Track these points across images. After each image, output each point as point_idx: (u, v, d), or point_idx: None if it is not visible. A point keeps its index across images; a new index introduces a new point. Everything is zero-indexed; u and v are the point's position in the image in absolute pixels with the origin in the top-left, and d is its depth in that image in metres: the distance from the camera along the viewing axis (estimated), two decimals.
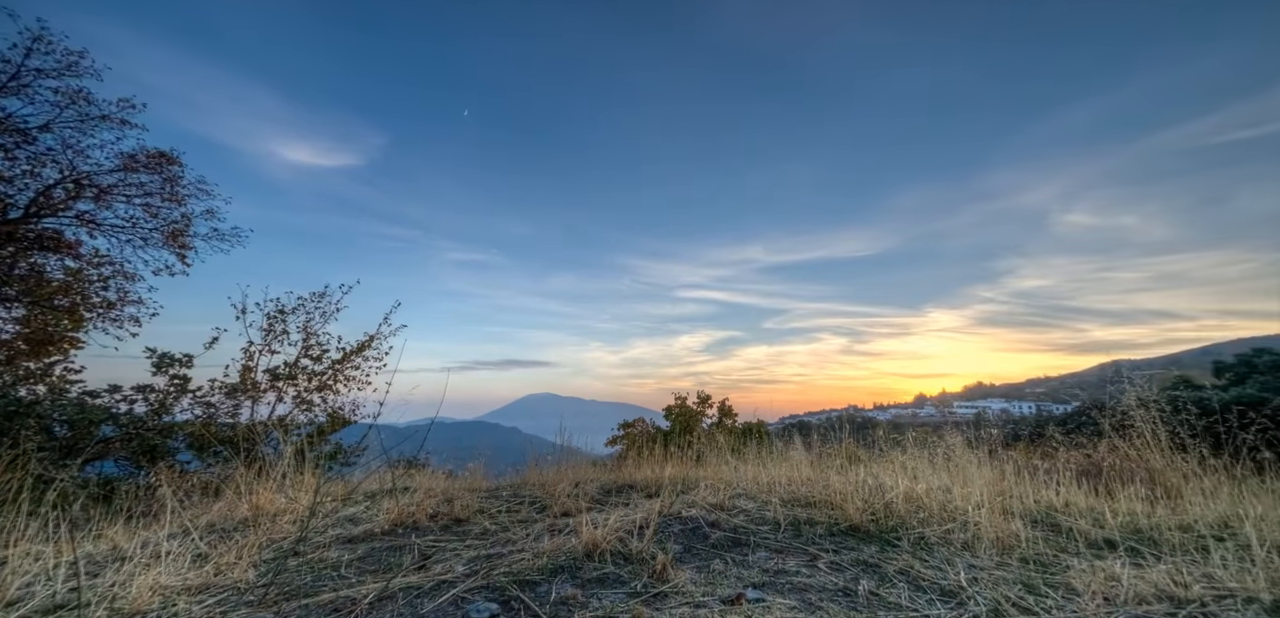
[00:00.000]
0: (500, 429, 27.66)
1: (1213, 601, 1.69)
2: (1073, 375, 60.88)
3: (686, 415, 14.19)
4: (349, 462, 6.33)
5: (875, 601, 1.85)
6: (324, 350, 6.81)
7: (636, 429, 13.40)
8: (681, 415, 14.19)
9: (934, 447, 5.15)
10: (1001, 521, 2.88)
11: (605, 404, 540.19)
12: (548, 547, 2.22)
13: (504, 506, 3.63)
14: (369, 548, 2.40)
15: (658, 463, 6.10)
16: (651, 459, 6.40)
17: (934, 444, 5.21)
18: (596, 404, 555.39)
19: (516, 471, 5.70)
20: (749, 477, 4.19)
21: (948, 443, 5.16)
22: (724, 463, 5.28)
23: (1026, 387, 52.59)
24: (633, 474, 5.13)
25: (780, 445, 6.75)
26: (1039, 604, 1.80)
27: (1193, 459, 4.37)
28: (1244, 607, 1.64)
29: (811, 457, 5.19)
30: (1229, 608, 1.64)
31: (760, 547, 2.50)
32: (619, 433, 13.44)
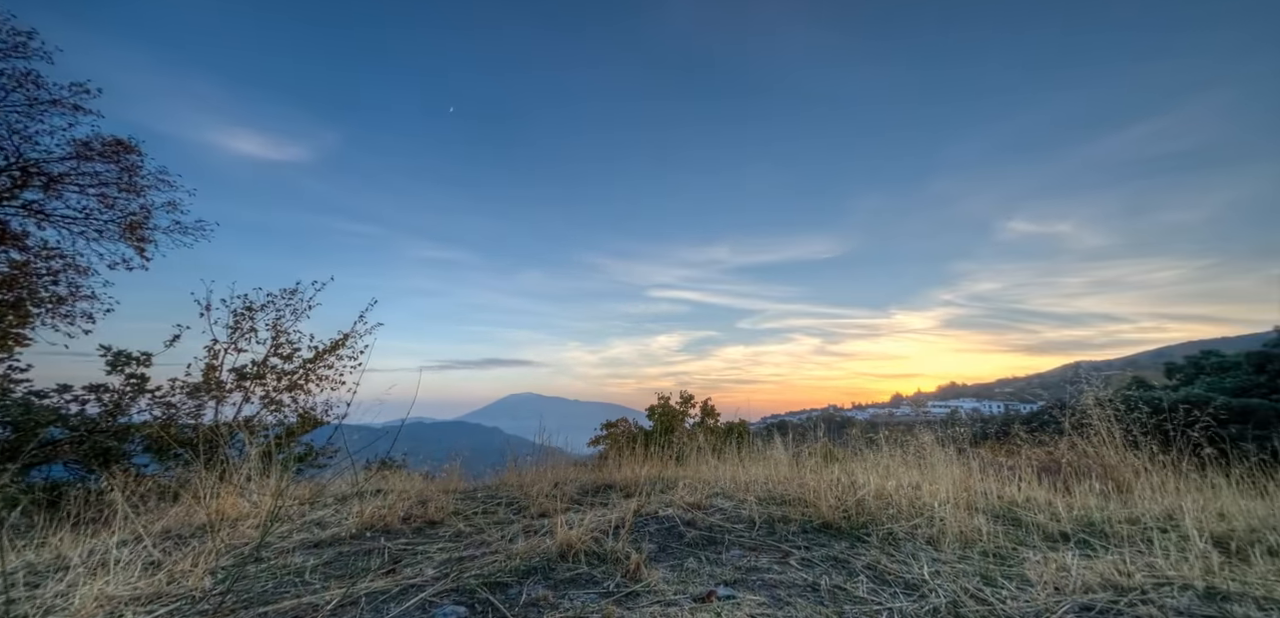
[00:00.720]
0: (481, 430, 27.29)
1: (1152, 588, 1.80)
2: (1038, 376, 63.96)
3: (669, 415, 14.26)
4: (320, 464, 6.14)
5: (841, 595, 1.90)
6: (295, 349, 6.59)
7: (619, 429, 13.40)
8: (664, 415, 14.26)
9: (907, 445, 5.32)
10: (965, 516, 2.99)
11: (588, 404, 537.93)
12: (521, 548, 2.20)
13: (480, 507, 3.58)
14: (336, 553, 2.33)
15: (639, 463, 6.11)
16: (633, 459, 6.41)
17: (907, 443, 5.37)
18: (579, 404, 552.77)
19: (495, 472, 5.63)
20: (727, 476, 4.24)
21: (920, 441, 5.34)
22: (705, 463, 5.33)
23: (996, 387, 54.76)
24: (613, 474, 5.13)
25: (761, 445, 6.86)
26: (995, 595, 1.87)
27: (1144, 456, 4.63)
28: (1180, 593, 1.75)
29: (790, 456, 5.28)
30: (1166, 594, 1.75)
31: (734, 545, 2.54)
32: (601, 433, 13.41)
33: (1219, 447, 5.06)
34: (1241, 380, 12.14)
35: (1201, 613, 1.59)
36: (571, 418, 17.00)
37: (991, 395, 48.82)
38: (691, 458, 5.97)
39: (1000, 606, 1.77)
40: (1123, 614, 1.61)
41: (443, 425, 20.79)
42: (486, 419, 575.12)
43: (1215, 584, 1.79)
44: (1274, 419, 10.29)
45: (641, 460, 6.30)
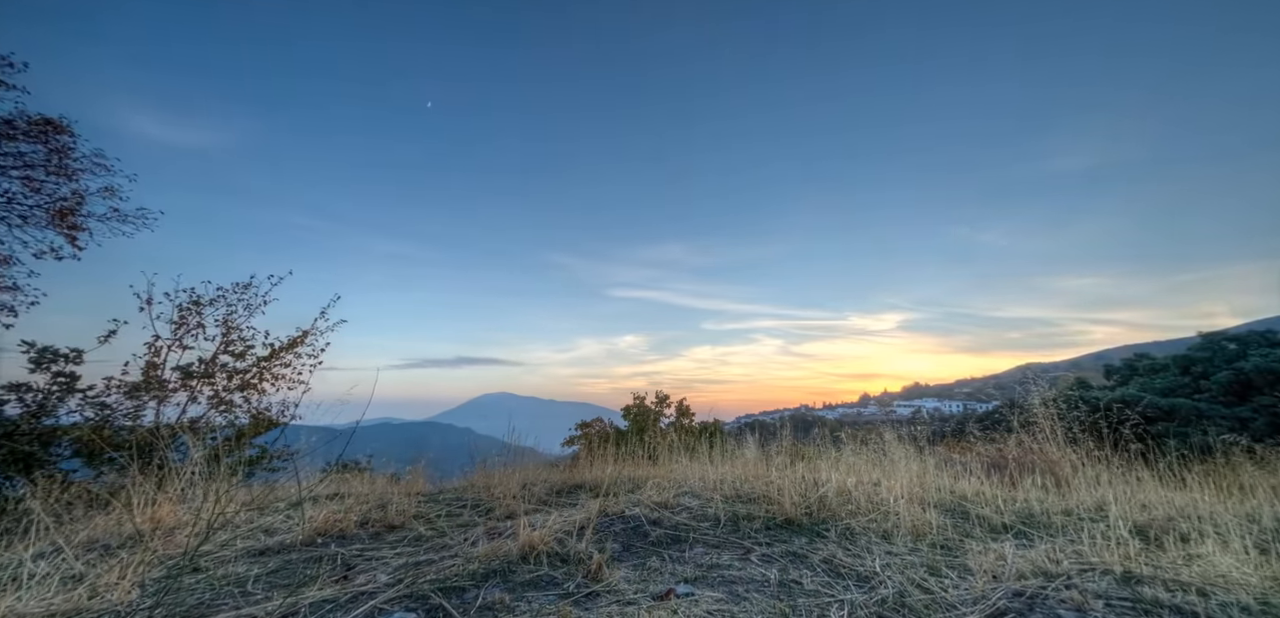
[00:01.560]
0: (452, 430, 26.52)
1: (1077, 574, 1.94)
2: (993, 377, 68.07)
3: (644, 415, 14.30)
4: (275, 467, 5.83)
5: (796, 588, 1.96)
6: (248, 346, 6.22)
7: (594, 429, 13.33)
8: (640, 415, 14.28)
9: (871, 444, 5.52)
10: (919, 510, 3.13)
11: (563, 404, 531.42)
12: (482, 551, 2.16)
13: (444, 510, 3.49)
14: (284, 561, 2.22)
15: (612, 463, 6.11)
16: (607, 459, 6.40)
17: (872, 441, 5.58)
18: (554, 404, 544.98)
19: (464, 473, 5.50)
20: (697, 475, 4.29)
21: (884, 439, 5.56)
22: (678, 462, 5.38)
23: (956, 387, 57.78)
24: (584, 475, 5.10)
25: (733, 445, 6.97)
26: (938, 584, 1.97)
27: (1082, 451, 4.98)
28: (1100, 578, 1.89)
29: (762, 455, 5.40)
30: (1088, 579, 1.88)
31: (698, 543, 2.57)
32: (576, 433, 13.31)
33: (1146, 443, 5.51)
34: (1169, 382, 13.21)
35: (1117, 596, 1.73)
36: (546, 418, 16.78)
37: (952, 395, 51.46)
38: (665, 458, 6.01)
39: (942, 594, 1.87)
40: (1049, 598, 1.73)
41: (412, 426, 20.02)
42: (458, 420, 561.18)
43: (1131, 569, 1.94)
44: (1195, 417, 11.26)
45: (614, 460, 6.29)
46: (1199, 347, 13.39)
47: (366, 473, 6.54)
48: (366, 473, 6.54)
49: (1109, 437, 5.22)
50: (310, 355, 6.73)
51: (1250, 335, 12.85)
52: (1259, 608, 1.59)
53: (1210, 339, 13.26)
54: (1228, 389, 11.42)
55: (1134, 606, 1.65)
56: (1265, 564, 1.92)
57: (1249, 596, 1.67)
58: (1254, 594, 1.68)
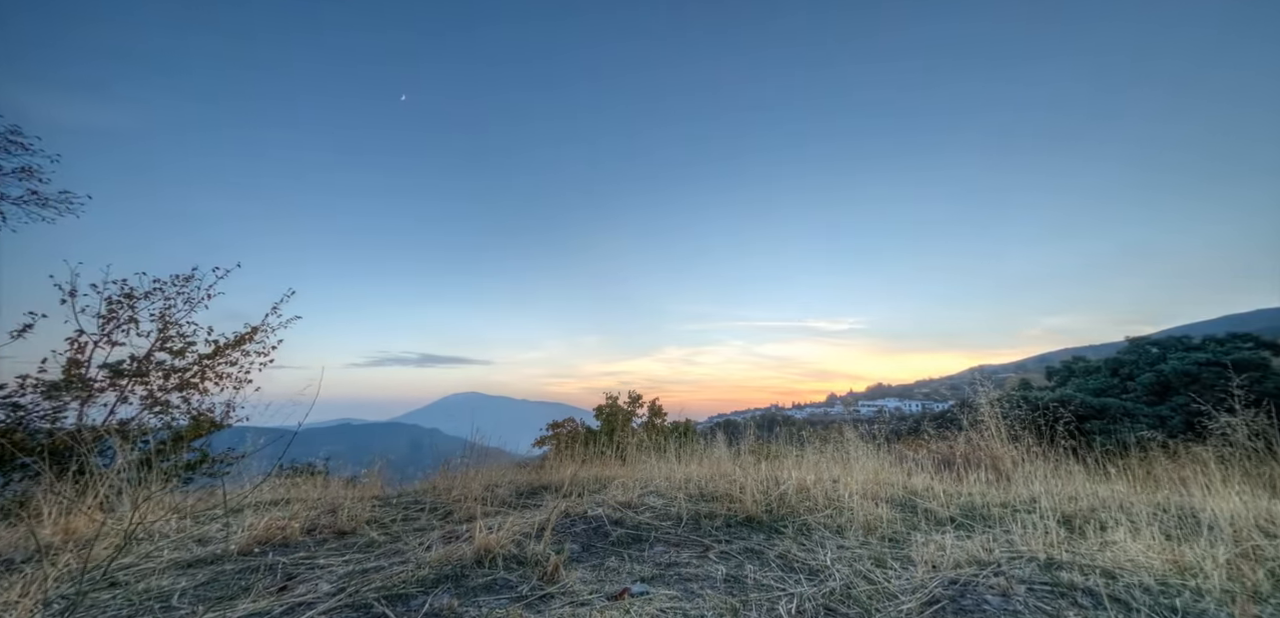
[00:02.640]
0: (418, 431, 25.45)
1: (1006, 561, 2.07)
2: (949, 378, 72.14)
3: (616, 415, 14.27)
4: (217, 472, 5.47)
5: (750, 584, 2.00)
6: (189, 343, 5.81)
7: (565, 429, 13.20)
8: (612, 415, 14.24)
9: (834, 442, 5.72)
10: (872, 505, 3.27)
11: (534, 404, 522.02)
12: (435, 556, 2.09)
13: (401, 513, 3.37)
14: (216, 572, 2.08)
15: (583, 463, 6.07)
16: (578, 459, 6.35)
17: (835, 440, 5.78)
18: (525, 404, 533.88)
19: (427, 475, 5.33)
20: (663, 475, 4.32)
21: (845, 438, 5.78)
22: (647, 462, 5.40)
23: (915, 387, 60.86)
24: (552, 475, 5.04)
25: (704, 444, 7.06)
26: (882, 575, 2.07)
27: (1022, 448, 5.33)
28: (1026, 565, 2.03)
29: (731, 454, 5.49)
30: (1016, 566, 2.02)
31: (659, 541, 2.59)
32: (547, 433, 13.15)
33: (1078, 439, 5.97)
34: (1100, 383, 14.35)
35: (1038, 580, 1.86)
36: (516, 418, 16.47)
37: (911, 395, 54.18)
38: (635, 458, 6.02)
39: (885, 583, 1.96)
40: (979, 585, 1.84)
41: (374, 427, 19.15)
42: (425, 420, 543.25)
43: (1053, 556, 2.10)
44: (1122, 415, 12.27)
45: (584, 461, 6.25)
46: (1127, 351, 14.60)
47: (322, 476, 6.23)
48: (322, 476, 6.23)
49: (1047, 434, 5.62)
50: (260, 353, 6.36)
51: (1169, 340, 14.12)
52: (1157, 588, 1.76)
53: (1136, 344, 14.49)
54: (1150, 390, 12.51)
55: (1052, 589, 1.78)
56: (1167, 549, 2.12)
57: (1150, 577, 1.84)
58: (1155, 576, 1.85)
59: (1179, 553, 2.07)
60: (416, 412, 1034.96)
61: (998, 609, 1.65)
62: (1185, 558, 1.99)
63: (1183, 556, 2.02)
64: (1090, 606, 1.63)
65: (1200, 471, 3.95)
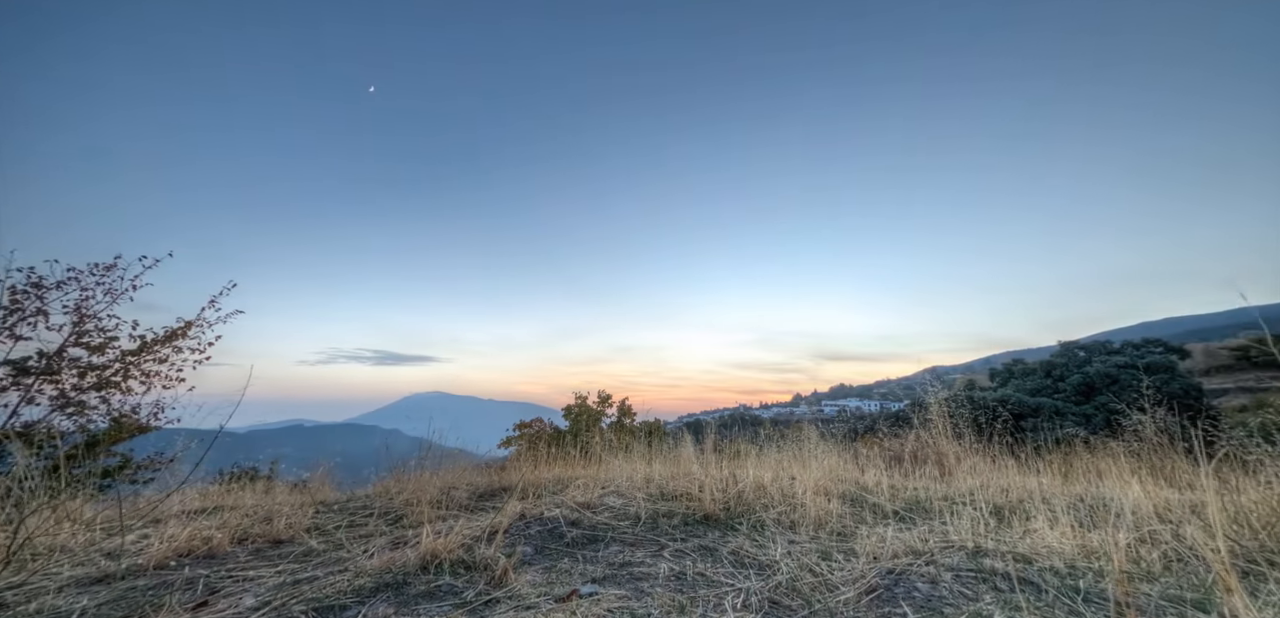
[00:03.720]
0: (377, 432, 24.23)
1: (939, 551, 2.20)
2: (905, 379, 76.33)
3: (586, 415, 14.16)
4: (139, 479, 5.03)
5: (701, 581, 2.03)
6: (110, 338, 5.31)
7: (533, 429, 12.98)
8: (581, 415, 14.13)
9: (792, 440, 5.89)
10: (824, 501, 3.39)
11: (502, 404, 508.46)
12: (376, 564, 2.00)
13: (347, 519, 3.21)
14: (127, 588, 1.90)
15: (549, 464, 5.98)
16: (544, 460, 6.25)
17: (792, 438, 5.96)
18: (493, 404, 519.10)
19: (383, 478, 5.10)
20: (624, 474, 4.32)
21: (806, 436, 5.97)
22: (613, 462, 5.38)
23: (875, 388, 64.05)
24: (513, 477, 4.94)
25: (672, 444, 7.11)
26: (828, 567, 2.15)
27: (965, 444, 5.68)
28: (955, 553, 2.17)
29: (698, 453, 5.56)
30: (947, 555, 2.15)
31: (615, 542, 2.59)
32: (514, 433, 12.89)
33: (1015, 436, 6.42)
34: (1036, 384, 15.55)
35: (965, 567, 1.99)
36: (483, 418, 16.06)
37: (871, 395, 56.97)
38: (602, 458, 5.99)
39: (828, 575, 2.04)
40: (912, 574, 1.95)
41: (330, 428, 17.97)
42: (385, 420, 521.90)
43: (980, 544, 2.25)
44: (1053, 414, 13.35)
45: (551, 461, 6.16)
46: (1058, 354, 15.88)
47: (268, 481, 5.86)
48: (268, 481, 5.86)
49: (987, 431, 6.02)
50: (195, 350, 5.90)
51: (1094, 345, 15.47)
52: (1066, 571, 1.92)
53: (1067, 348, 15.79)
54: (1077, 390, 13.68)
55: (975, 574, 1.91)
56: (1078, 536, 2.31)
57: (1061, 562, 2.01)
58: (1065, 560, 2.02)
59: (1087, 539, 2.26)
60: (376, 412, 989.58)
61: (926, 596, 1.75)
62: (1092, 544, 2.18)
63: (1090, 541, 2.21)
64: (1006, 589, 1.76)
65: (1113, 464, 4.35)
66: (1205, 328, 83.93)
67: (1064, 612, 1.57)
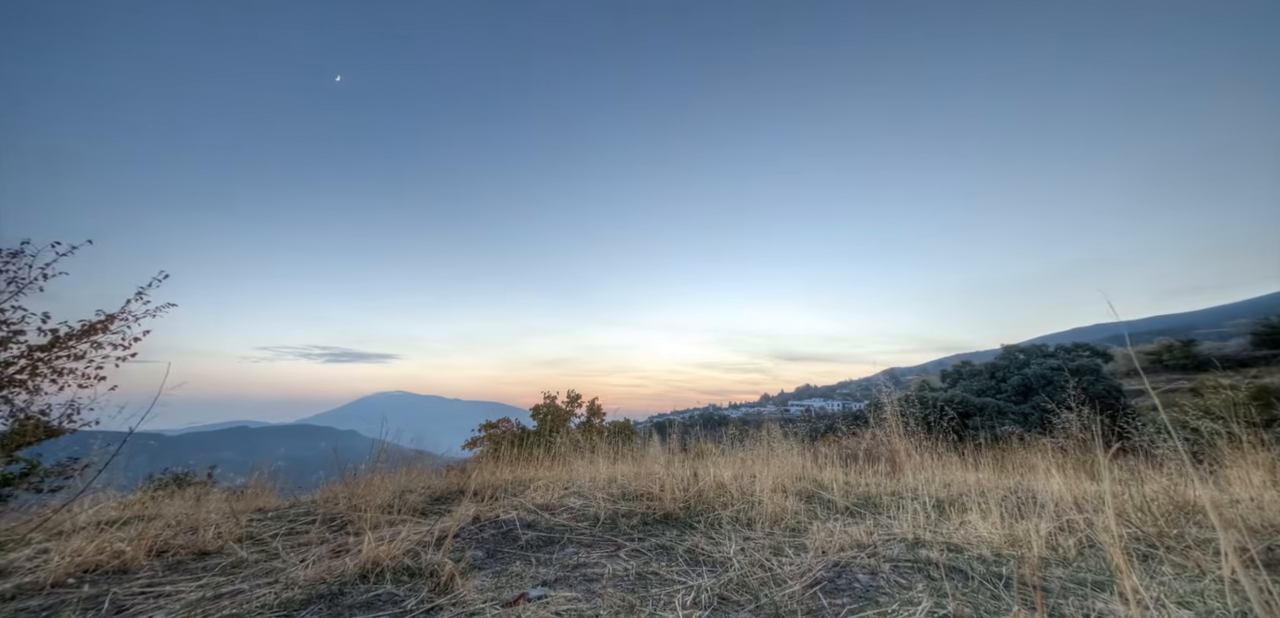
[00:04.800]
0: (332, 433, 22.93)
1: (882, 543, 2.31)
2: (867, 379, 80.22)
3: (555, 415, 13.98)
4: (46, 487, 4.55)
5: (654, 580, 2.04)
6: (15, 332, 4.77)
7: (500, 430, 12.69)
8: (550, 415, 13.93)
9: (751, 439, 6.03)
10: (782, 498, 3.48)
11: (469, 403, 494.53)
12: (310, 574, 1.89)
13: (286, 527, 3.01)
14: (17, 610, 1.71)
15: (510, 465, 5.84)
16: (509, 461, 6.10)
17: (751, 437, 6.09)
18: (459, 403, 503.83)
19: (332, 482, 4.82)
20: (587, 475, 4.28)
21: (769, 435, 6.11)
22: (579, 462, 5.32)
23: (838, 388, 66.79)
24: (474, 479, 4.80)
25: (640, 443, 7.11)
26: (778, 562, 2.20)
27: (916, 442, 5.99)
28: (897, 545, 2.28)
29: (665, 453, 5.58)
30: (889, 547, 2.26)
31: (572, 543, 2.55)
32: (479, 434, 12.56)
33: (960, 434, 6.84)
34: (982, 384, 16.62)
35: (904, 558, 2.09)
36: (449, 418, 15.58)
37: (834, 396, 59.34)
38: (570, 458, 5.92)
39: (778, 570, 2.09)
40: (856, 564, 2.03)
41: (277, 430, 16.73)
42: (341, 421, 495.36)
43: (919, 536, 2.37)
44: (996, 413, 14.32)
45: (517, 462, 6.03)
46: (1001, 357, 17.04)
47: (202, 487, 5.43)
48: (202, 487, 5.43)
49: (936, 429, 6.37)
50: (118, 345, 5.39)
51: (1032, 348, 16.69)
52: (992, 558, 2.05)
53: (1008, 351, 16.95)
54: (1017, 391, 14.72)
55: (912, 564, 2.01)
56: (1006, 526, 2.48)
57: (989, 550, 2.15)
58: (992, 549, 2.16)
59: (1014, 529, 2.43)
60: (331, 413, 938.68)
61: (866, 586, 1.83)
62: (1018, 533, 2.34)
63: (1016, 531, 2.38)
64: (938, 577, 1.86)
65: (1042, 459, 4.70)
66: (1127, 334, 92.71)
67: (986, 597, 1.68)
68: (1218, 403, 5.67)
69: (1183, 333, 28.32)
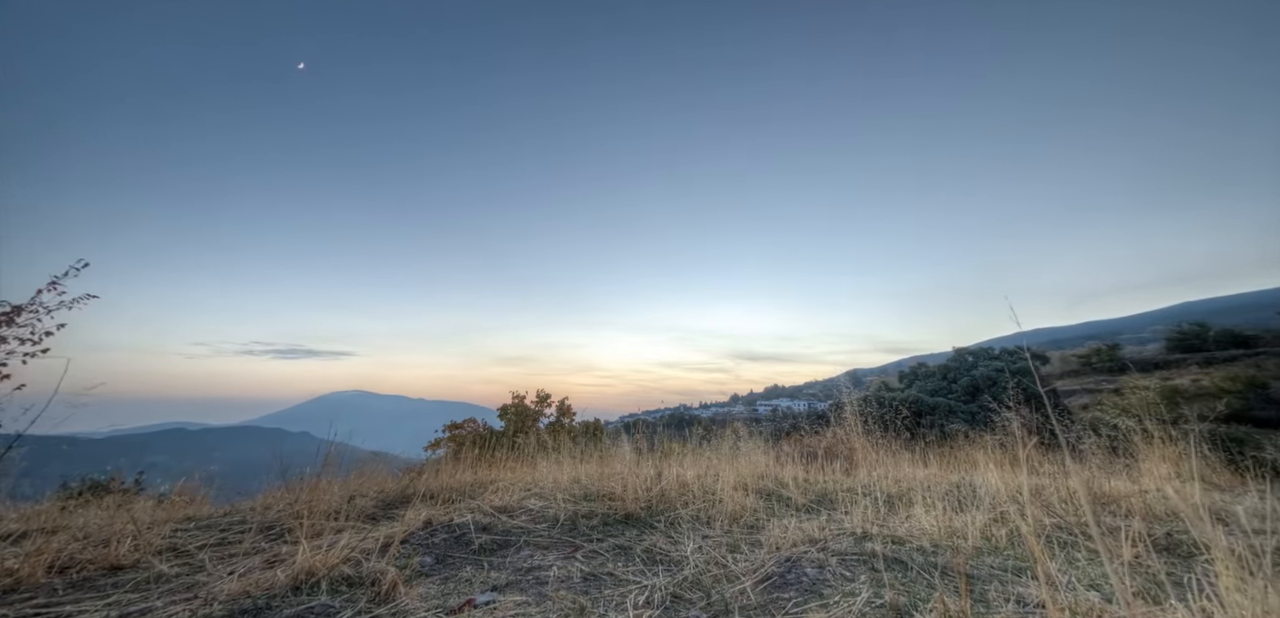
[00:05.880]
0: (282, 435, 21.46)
1: (832, 538, 2.39)
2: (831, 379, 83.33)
3: (523, 415, 13.71)
4: None
5: (608, 580, 2.02)
6: None
7: (465, 430, 12.34)
8: (518, 415, 13.65)
9: (715, 438, 6.11)
10: (742, 496, 3.54)
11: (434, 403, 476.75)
12: (234, 588, 1.75)
13: (217, 537, 2.79)
14: None
15: (472, 467, 5.67)
16: (473, 463, 5.92)
17: (715, 436, 6.19)
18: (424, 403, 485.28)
19: (275, 487, 4.52)
20: (550, 476, 4.21)
21: (737, 434, 6.21)
22: (544, 462, 5.22)
23: (805, 388, 69.02)
24: (432, 482, 4.62)
25: (610, 444, 7.06)
26: (733, 559, 2.24)
27: (873, 440, 6.24)
28: (845, 539, 2.36)
29: (634, 452, 5.55)
30: (837, 541, 2.34)
31: (528, 546, 2.50)
32: (443, 435, 12.17)
33: (913, 432, 7.19)
34: (935, 385, 17.58)
35: (851, 551, 2.17)
36: (414, 418, 15.01)
37: (801, 396, 61.35)
38: (536, 459, 5.80)
39: (732, 567, 2.12)
40: (806, 559, 2.09)
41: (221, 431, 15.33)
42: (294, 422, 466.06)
43: (867, 530, 2.47)
44: (947, 412, 15.18)
45: (477, 464, 5.85)
46: (953, 359, 18.07)
47: (126, 494, 4.98)
48: (126, 494, 4.98)
49: (891, 428, 6.68)
50: (26, 340, 4.85)
51: (980, 350, 17.79)
52: (931, 548, 2.16)
53: (959, 353, 18.00)
54: (966, 391, 15.66)
55: (858, 557, 2.09)
56: (946, 518, 2.62)
57: (929, 541, 2.26)
58: (932, 540, 2.28)
59: (953, 521, 2.57)
60: (283, 413, 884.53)
61: (813, 580, 1.88)
62: (956, 525, 2.48)
63: (955, 523, 2.51)
64: (881, 568, 1.94)
65: (983, 455, 5.01)
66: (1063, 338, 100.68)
67: (923, 586, 1.76)
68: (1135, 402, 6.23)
69: (1110, 338, 31.09)
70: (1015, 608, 1.51)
